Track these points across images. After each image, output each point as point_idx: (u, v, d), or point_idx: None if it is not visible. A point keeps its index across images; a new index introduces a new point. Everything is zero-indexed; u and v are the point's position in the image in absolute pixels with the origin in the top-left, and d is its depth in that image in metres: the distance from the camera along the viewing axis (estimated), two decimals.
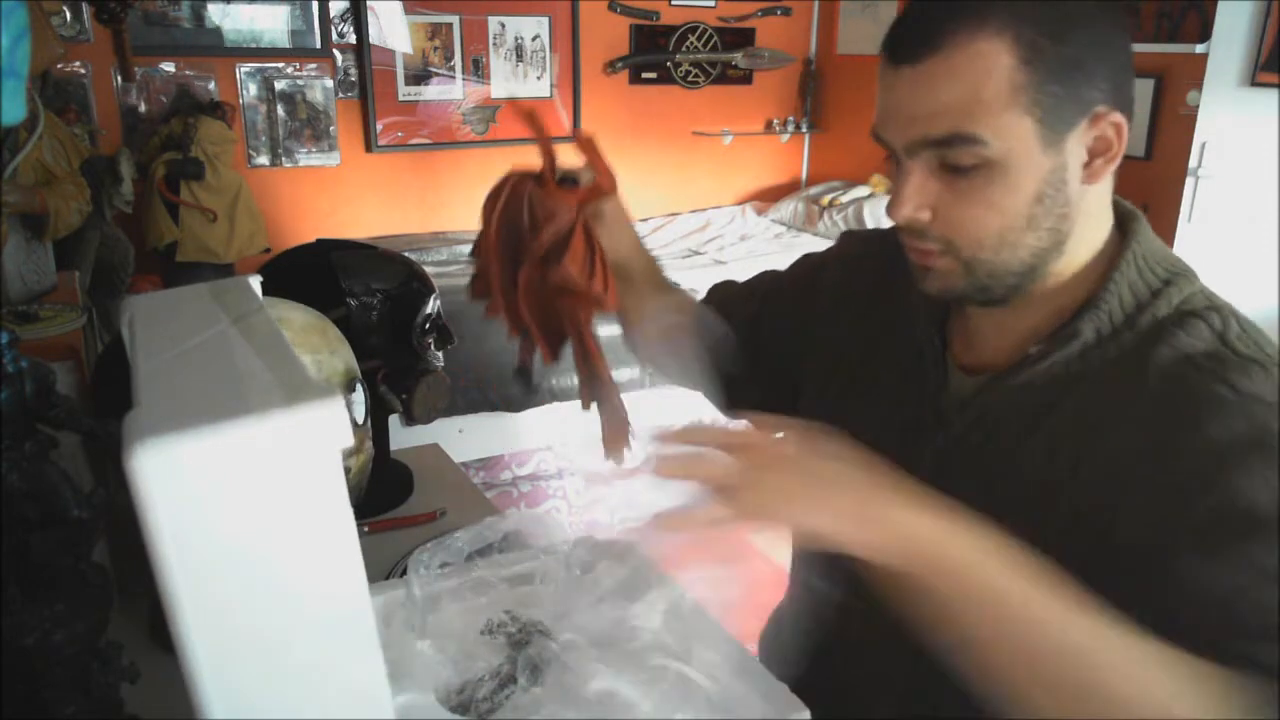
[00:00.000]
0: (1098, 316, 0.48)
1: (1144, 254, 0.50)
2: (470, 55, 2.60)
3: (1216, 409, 0.43)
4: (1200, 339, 0.46)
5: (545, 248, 0.52)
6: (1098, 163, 0.47)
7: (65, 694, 0.45)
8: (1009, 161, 0.45)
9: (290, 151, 2.45)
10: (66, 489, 0.45)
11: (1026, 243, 0.47)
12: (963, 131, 0.45)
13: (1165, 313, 0.48)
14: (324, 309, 0.70)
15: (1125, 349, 0.48)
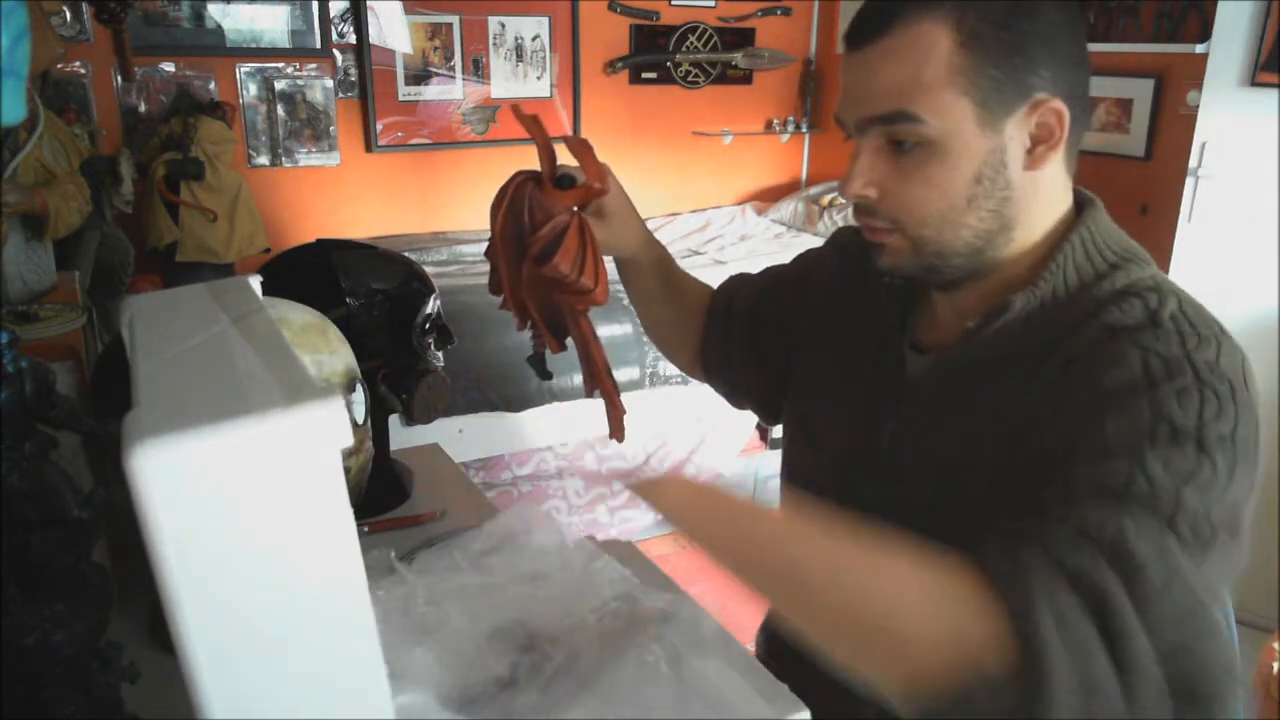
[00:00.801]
0: (1032, 293, 0.50)
1: (1094, 238, 0.51)
2: (470, 55, 2.60)
3: (1118, 362, 0.44)
4: (1130, 316, 0.47)
5: (540, 245, 0.56)
6: (1040, 149, 0.48)
7: (65, 694, 0.45)
8: (947, 141, 0.47)
9: (290, 151, 2.45)
10: (66, 489, 0.45)
11: (968, 222, 0.49)
12: (903, 109, 0.47)
13: (1105, 294, 0.49)
14: (324, 309, 0.70)
15: (1062, 326, 0.49)
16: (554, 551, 0.52)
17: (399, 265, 0.88)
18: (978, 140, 0.47)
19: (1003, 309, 0.50)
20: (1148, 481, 0.39)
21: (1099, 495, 0.39)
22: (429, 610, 0.46)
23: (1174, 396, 0.42)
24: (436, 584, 0.47)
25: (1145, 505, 0.38)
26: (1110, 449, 0.41)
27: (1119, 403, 0.43)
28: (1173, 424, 0.41)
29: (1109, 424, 0.42)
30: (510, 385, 1.91)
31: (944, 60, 0.46)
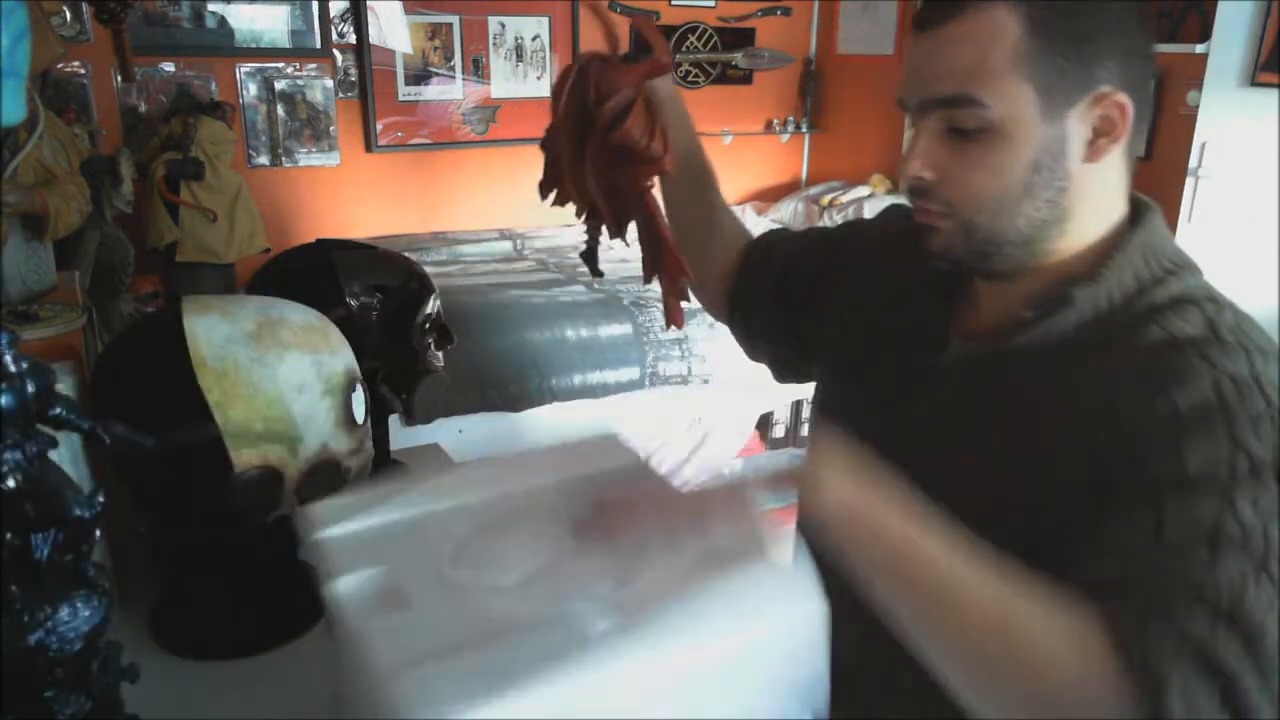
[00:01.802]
0: (1094, 291, 0.49)
1: (1151, 244, 0.51)
2: (470, 55, 2.60)
3: (1187, 378, 0.44)
4: (1191, 324, 0.47)
5: (609, 115, 0.55)
6: (1101, 142, 0.48)
7: (66, 694, 0.45)
8: (1008, 127, 0.47)
9: (290, 151, 2.45)
10: (67, 489, 0.45)
11: (1023, 210, 0.49)
12: (966, 93, 0.47)
13: (1163, 300, 0.49)
14: (324, 309, 0.70)
15: (1116, 330, 0.49)
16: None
17: (399, 265, 0.88)
18: (1039, 128, 0.47)
19: (1063, 301, 0.49)
20: (1239, 525, 0.40)
21: (1195, 540, 0.40)
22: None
23: (1250, 425, 0.42)
24: None
25: (1239, 549, 0.40)
26: (1196, 483, 0.41)
27: (1196, 428, 0.42)
28: (1251, 456, 0.42)
29: (1189, 454, 0.42)
30: (510, 385, 1.91)
31: (1011, 46, 0.46)
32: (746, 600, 0.40)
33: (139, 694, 0.50)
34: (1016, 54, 0.46)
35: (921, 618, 0.42)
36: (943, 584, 0.41)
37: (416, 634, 0.39)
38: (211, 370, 0.60)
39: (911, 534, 0.42)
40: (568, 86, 0.57)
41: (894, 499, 0.43)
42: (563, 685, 0.35)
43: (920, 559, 0.41)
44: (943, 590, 0.41)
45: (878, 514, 0.43)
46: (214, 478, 0.60)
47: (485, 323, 1.94)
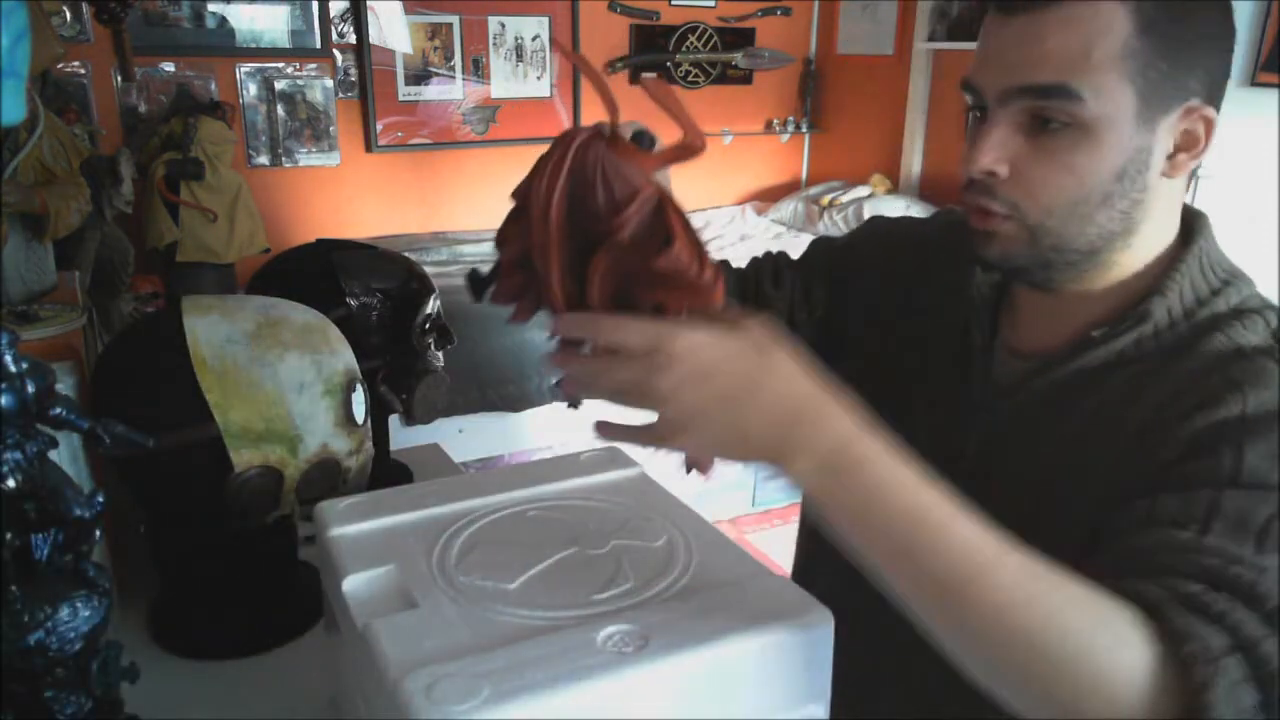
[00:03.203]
0: (1165, 301, 0.48)
1: (1209, 254, 0.50)
2: (470, 55, 2.60)
3: (1260, 380, 0.43)
4: (1256, 333, 0.46)
5: (631, 227, 0.39)
6: (1181, 157, 0.46)
7: (66, 694, 0.45)
8: (1100, 128, 0.44)
9: (290, 151, 2.45)
10: (67, 489, 0.45)
11: (1097, 219, 0.46)
12: (1065, 83, 0.43)
13: (1223, 309, 0.48)
14: (324, 309, 0.70)
15: (1179, 340, 0.47)
16: None
17: (399, 265, 0.88)
18: (1131, 134, 0.44)
19: (1139, 318, 0.47)
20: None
21: (1243, 537, 0.38)
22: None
23: None
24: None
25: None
26: (1253, 481, 0.40)
27: (1262, 429, 0.42)
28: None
29: (1249, 452, 0.41)
30: (510, 385, 1.92)
31: (1119, 41, 0.43)
32: (754, 606, 0.40)
33: (139, 694, 0.50)
34: (1124, 51, 0.43)
35: (940, 608, 0.36)
36: (967, 566, 0.34)
37: (424, 634, 0.39)
38: (211, 370, 0.60)
39: (923, 498, 0.35)
40: (563, 174, 0.39)
41: (885, 445, 0.36)
42: (570, 689, 0.35)
43: (938, 532, 0.35)
44: (970, 574, 0.34)
45: (865, 476, 0.35)
46: (214, 477, 0.60)
47: (485, 323, 1.94)
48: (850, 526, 0.37)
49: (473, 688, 0.35)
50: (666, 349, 0.35)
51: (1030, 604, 0.34)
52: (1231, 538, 0.39)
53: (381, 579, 0.44)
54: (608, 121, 0.41)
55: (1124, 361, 0.48)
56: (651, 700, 0.37)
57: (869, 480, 0.35)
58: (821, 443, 0.36)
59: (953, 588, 0.35)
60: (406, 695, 0.35)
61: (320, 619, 0.53)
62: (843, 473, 0.36)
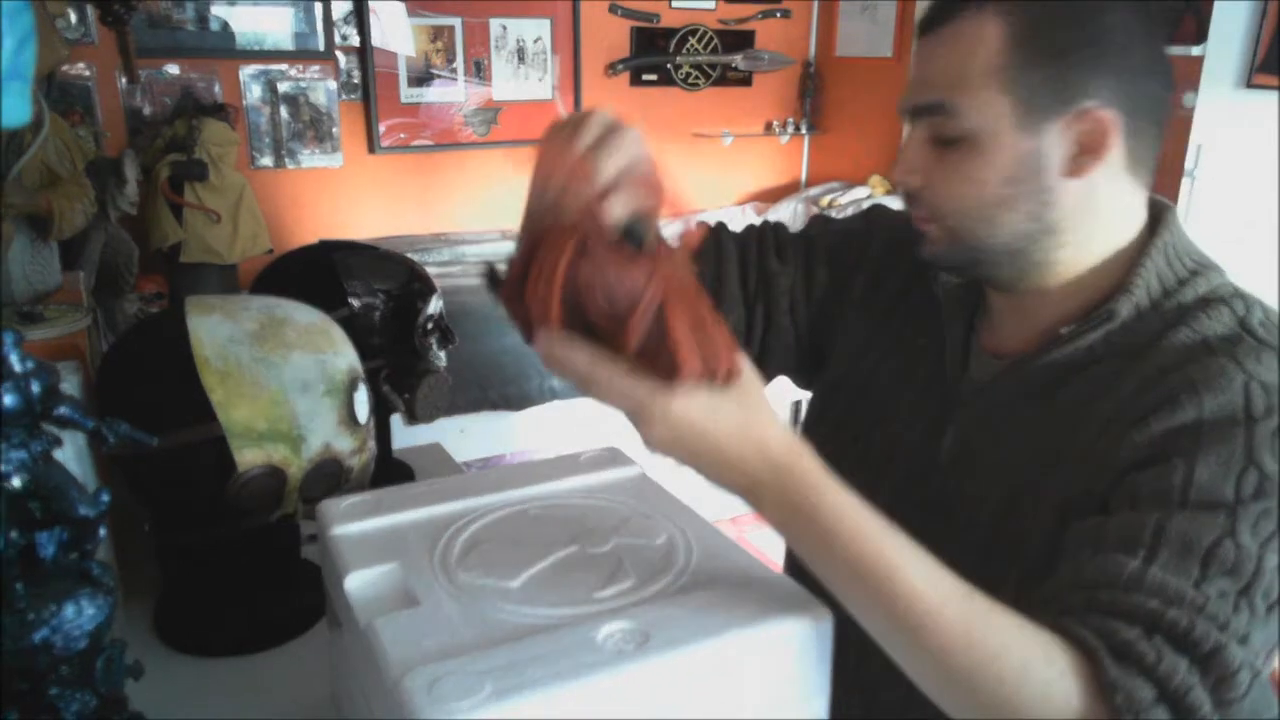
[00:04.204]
0: (1130, 301, 0.49)
1: (1174, 245, 0.50)
2: (472, 57, 2.61)
3: (1219, 383, 0.43)
4: (1221, 323, 0.47)
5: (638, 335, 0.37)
6: (1084, 159, 0.47)
7: (70, 692, 0.45)
8: (982, 138, 0.47)
9: (293, 153, 2.46)
10: (72, 488, 0.45)
11: (1004, 221, 0.49)
12: (942, 101, 0.47)
13: (1190, 300, 0.48)
14: (327, 309, 0.70)
15: (1148, 333, 0.48)
16: None
17: (401, 266, 0.88)
18: (1015, 140, 0.46)
19: (1105, 316, 0.48)
20: (1235, 548, 0.40)
21: (1184, 554, 0.40)
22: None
23: (1269, 440, 0.42)
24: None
25: (1227, 572, 0.40)
26: (1202, 499, 0.41)
27: (1216, 438, 0.42)
28: (1262, 471, 0.41)
29: (1202, 463, 0.42)
30: (511, 384, 1.92)
31: (990, 56, 0.46)
32: (754, 603, 0.40)
33: (143, 691, 0.50)
34: (995, 64, 0.46)
35: (869, 609, 0.39)
36: (894, 576, 0.37)
37: (426, 632, 0.39)
38: (215, 370, 0.60)
39: (855, 518, 0.38)
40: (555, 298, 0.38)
41: (811, 463, 0.38)
42: (571, 686, 0.35)
43: (866, 545, 0.38)
44: (896, 584, 0.37)
45: (806, 481, 0.38)
46: (217, 477, 0.60)
47: (487, 323, 1.94)
48: (810, 563, 0.40)
49: (474, 685, 0.35)
50: (655, 410, 0.38)
51: (969, 650, 0.37)
52: (1176, 566, 0.40)
53: (383, 577, 0.44)
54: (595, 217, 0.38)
55: (1094, 358, 0.49)
56: (652, 698, 0.37)
57: (824, 529, 0.38)
58: (787, 496, 0.39)
59: (901, 629, 0.38)
60: (408, 693, 0.35)
61: (322, 617, 0.54)
62: (802, 519, 0.39)
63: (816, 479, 0.39)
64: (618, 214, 0.39)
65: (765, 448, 0.38)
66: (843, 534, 0.38)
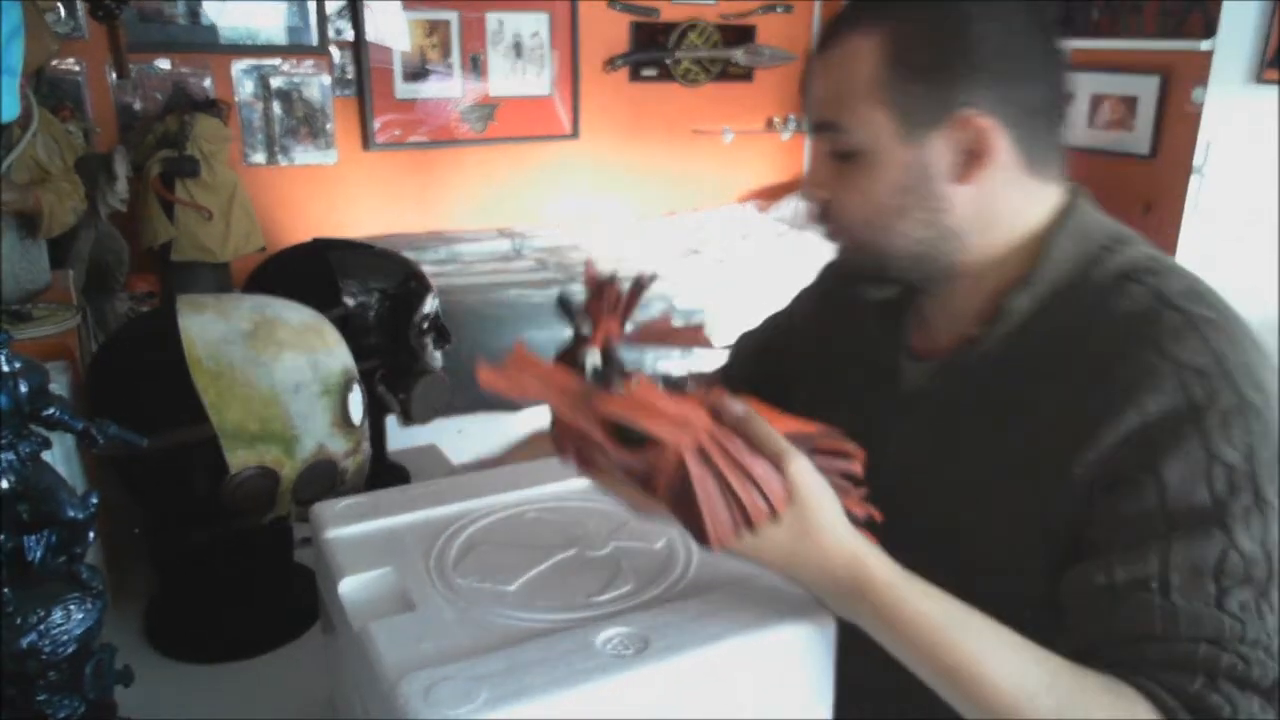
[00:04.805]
0: (1030, 293, 0.50)
1: (1081, 228, 0.51)
2: (468, 52, 2.59)
3: (1153, 383, 0.44)
4: (1136, 299, 0.47)
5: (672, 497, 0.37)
6: (970, 165, 0.49)
7: (59, 697, 0.44)
8: (870, 152, 0.49)
9: (287, 149, 2.44)
10: (61, 490, 0.44)
11: (900, 230, 0.50)
12: (829, 119, 0.50)
13: (1105, 280, 0.49)
14: (321, 308, 0.70)
15: (1066, 320, 0.49)
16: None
17: (396, 264, 0.88)
18: (900, 152, 0.48)
19: (1005, 314, 0.50)
20: (1240, 556, 0.41)
21: (1195, 577, 0.41)
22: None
23: (1221, 428, 0.42)
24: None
25: (1242, 582, 0.41)
26: (1189, 515, 0.42)
27: (1169, 442, 0.43)
28: (1224, 462, 0.42)
29: (1168, 471, 0.42)
30: None
31: (869, 74, 0.48)
32: (755, 607, 0.40)
33: (133, 697, 0.49)
34: (873, 81, 0.48)
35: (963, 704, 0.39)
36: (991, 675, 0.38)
37: (421, 637, 0.38)
38: (207, 370, 0.59)
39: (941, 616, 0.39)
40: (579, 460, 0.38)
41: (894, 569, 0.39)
42: (569, 691, 0.35)
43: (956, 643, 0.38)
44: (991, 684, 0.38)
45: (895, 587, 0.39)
46: (209, 478, 0.60)
47: (484, 322, 1.94)
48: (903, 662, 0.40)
49: (470, 690, 0.34)
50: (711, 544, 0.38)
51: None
52: (1192, 591, 0.41)
53: (378, 581, 0.44)
54: (600, 433, 0.37)
55: (1021, 353, 0.50)
56: (651, 703, 0.36)
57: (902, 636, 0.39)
58: (860, 608, 0.39)
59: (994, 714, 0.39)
60: (404, 698, 0.34)
61: (316, 621, 0.53)
62: (881, 628, 0.39)
63: (885, 589, 0.39)
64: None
65: (825, 568, 0.39)
66: (923, 641, 0.39)
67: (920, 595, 0.39)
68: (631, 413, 0.36)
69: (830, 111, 0.50)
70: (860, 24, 0.49)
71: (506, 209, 2.75)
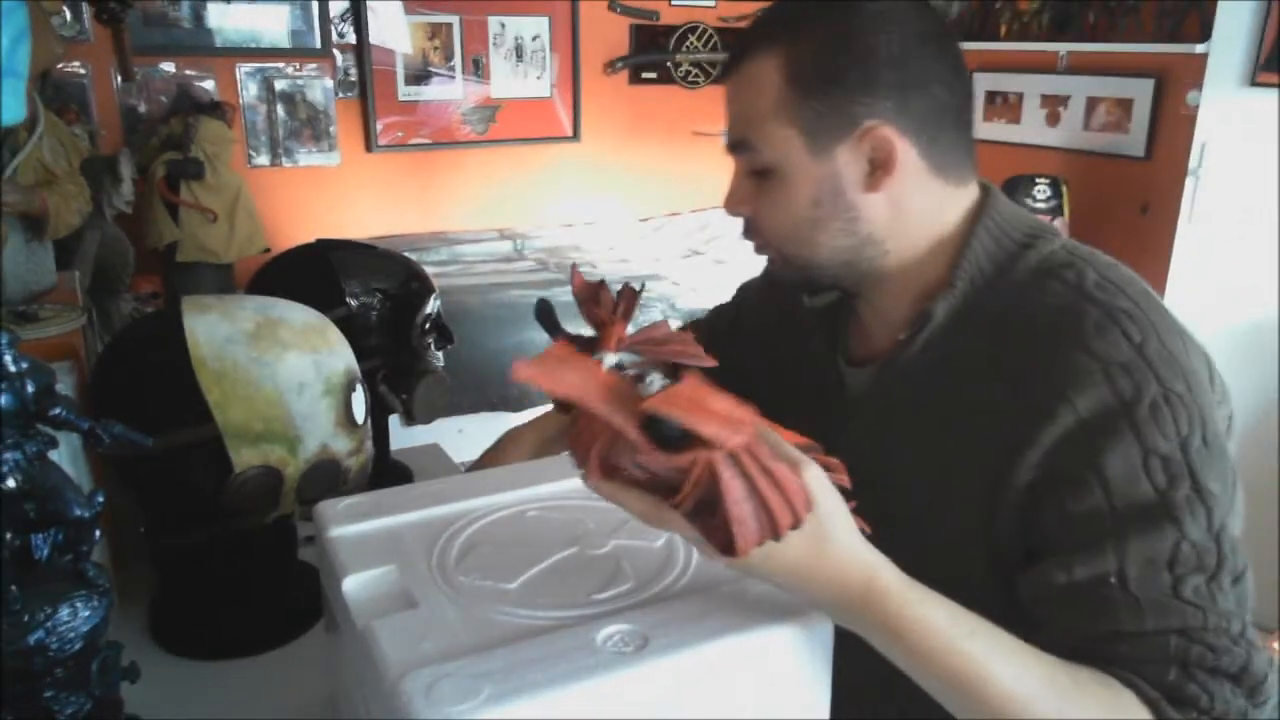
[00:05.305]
0: (953, 295, 0.51)
1: (997, 224, 0.52)
2: (470, 55, 2.60)
3: (1080, 380, 0.45)
4: (1056, 294, 0.48)
5: (693, 503, 0.36)
6: (877, 174, 0.50)
7: (65, 694, 0.45)
8: (782, 168, 0.51)
9: (290, 151, 2.45)
10: (67, 489, 0.45)
11: (819, 240, 0.52)
12: (741, 138, 0.51)
13: (1024, 276, 0.50)
14: (324, 309, 0.70)
15: (990, 320, 0.50)
16: None
17: (398, 265, 0.88)
18: (810, 167, 0.50)
19: (927, 317, 0.51)
20: (1191, 546, 0.42)
21: (1149, 568, 0.42)
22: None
23: (1150, 419, 0.43)
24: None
25: (1195, 569, 0.42)
26: (1130, 502, 0.43)
27: (1106, 438, 0.43)
28: (1162, 456, 0.43)
29: (1109, 467, 0.43)
30: (510, 385, 1.91)
31: (773, 94, 0.49)
32: (754, 606, 0.40)
33: (139, 694, 0.49)
34: (777, 101, 0.49)
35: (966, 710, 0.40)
36: (993, 690, 0.38)
37: (424, 635, 0.39)
38: (211, 370, 0.60)
39: (949, 631, 0.39)
40: (595, 462, 0.37)
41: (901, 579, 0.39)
42: (570, 689, 0.35)
43: (964, 660, 0.38)
44: (995, 697, 0.38)
45: (908, 603, 0.38)
46: (214, 478, 0.60)
47: (485, 323, 1.94)
48: (907, 672, 0.41)
49: (472, 688, 0.35)
50: (720, 557, 0.37)
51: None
52: (1150, 583, 0.42)
53: (381, 579, 0.44)
54: (632, 427, 0.34)
55: (953, 355, 0.50)
56: (651, 700, 0.37)
57: (910, 647, 0.39)
58: (869, 619, 0.39)
59: (999, 715, 0.39)
60: (406, 695, 0.35)
61: (320, 619, 0.53)
62: (889, 638, 0.40)
63: (896, 598, 0.39)
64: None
65: (838, 578, 0.38)
66: (931, 648, 0.39)
67: (930, 602, 0.39)
68: (683, 411, 0.34)
69: (742, 131, 0.51)
70: (760, 45, 0.50)
71: (508, 210, 2.76)
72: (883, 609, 0.39)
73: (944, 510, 0.49)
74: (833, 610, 0.40)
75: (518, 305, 2.06)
